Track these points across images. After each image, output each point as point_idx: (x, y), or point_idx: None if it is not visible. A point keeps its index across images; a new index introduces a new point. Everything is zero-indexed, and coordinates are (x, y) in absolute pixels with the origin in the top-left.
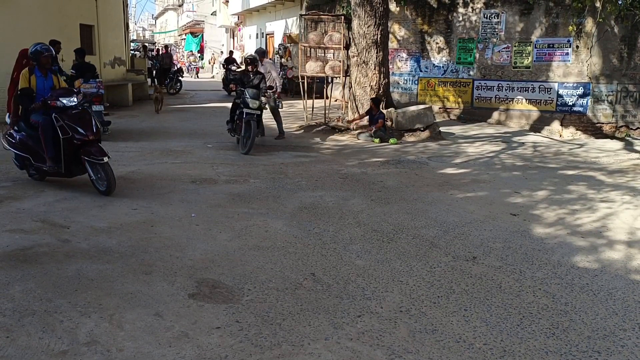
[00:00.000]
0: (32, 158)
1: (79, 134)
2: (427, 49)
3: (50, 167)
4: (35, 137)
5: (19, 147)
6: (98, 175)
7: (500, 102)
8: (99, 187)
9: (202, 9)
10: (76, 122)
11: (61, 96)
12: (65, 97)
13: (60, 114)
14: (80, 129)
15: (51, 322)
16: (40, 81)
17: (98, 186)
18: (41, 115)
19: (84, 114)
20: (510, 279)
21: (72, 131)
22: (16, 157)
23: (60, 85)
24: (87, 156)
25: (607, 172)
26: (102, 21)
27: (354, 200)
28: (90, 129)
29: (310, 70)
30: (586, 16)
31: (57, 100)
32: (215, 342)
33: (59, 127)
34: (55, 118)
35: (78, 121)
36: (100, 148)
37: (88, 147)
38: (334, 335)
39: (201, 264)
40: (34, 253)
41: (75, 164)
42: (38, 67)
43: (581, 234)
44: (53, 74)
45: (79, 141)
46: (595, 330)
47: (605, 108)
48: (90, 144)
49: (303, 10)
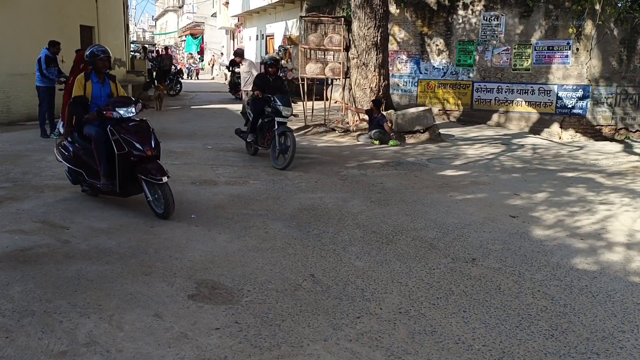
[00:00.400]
0: (85, 173)
1: (136, 150)
2: (427, 51)
3: (103, 185)
4: (88, 151)
5: (72, 160)
6: (155, 196)
7: (499, 104)
8: (156, 209)
9: (202, 11)
10: (133, 136)
11: (118, 106)
12: (123, 107)
13: (116, 126)
14: (137, 143)
15: (51, 322)
16: (96, 88)
17: (155, 208)
18: (94, 127)
19: (143, 126)
20: (509, 281)
21: (129, 146)
22: (69, 170)
23: (119, 93)
24: (144, 175)
25: (607, 175)
26: (103, 22)
27: (354, 202)
28: (149, 144)
29: (310, 72)
30: (586, 19)
31: (113, 110)
32: (214, 343)
33: (114, 141)
34: (110, 131)
35: (135, 135)
36: (159, 166)
37: (146, 165)
38: (333, 337)
39: (201, 265)
40: (33, 254)
41: (132, 182)
42: (94, 72)
43: (580, 236)
44: (111, 80)
45: (136, 158)
46: (594, 332)
47: (605, 110)
48: (149, 160)
49: (303, 12)
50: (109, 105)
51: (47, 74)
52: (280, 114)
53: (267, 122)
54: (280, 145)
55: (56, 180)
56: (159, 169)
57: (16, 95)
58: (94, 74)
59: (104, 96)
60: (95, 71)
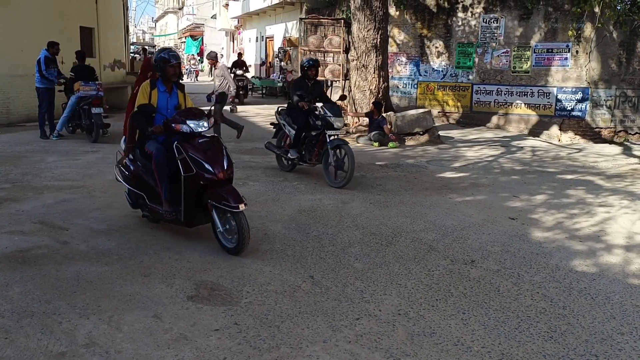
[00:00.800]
0: (146, 196)
1: (206, 172)
2: (427, 53)
3: (166, 212)
4: (151, 171)
5: (132, 181)
6: (227, 226)
7: (499, 106)
8: (225, 242)
9: (202, 12)
10: (203, 155)
11: (189, 118)
12: (194, 120)
13: (184, 142)
14: (207, 164)
15: (50, 323)
16: (162, 98)
17: (224, 241)
18: (155, 144)
19: (214, 144)
20: (508, 283)
21: (198, 167)
22: (129, 192)
23: (187, 105)
24: (216, 201)
25: (606, 177)
26: (102, 23)
27: (353, 204)
28: (220, 164)
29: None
30: (585, 21)
31: (183, 123)
32: (213, 344)
33: (181, 161)
34: (176, 148)
35: (206, 153)
36: (234, 191)
37: (217, 189)
38: (333, 338)
39: (200, 266)
40: (33, 255)
41: (199, 209)
42: (162, 80)
43: (579, 238)
44: (179, 90)
45: (205, 181)
46: (592, 334)
47: (604, 113)
48: (220, 184)
49: (303, 14)
50: (178, 117)
51: (47, 75)
52: (332, 126)
53: (314, 135)
54: (337, 161)
55: (55, 181)
56: (234, 194)
57: (16, 97)
58: (160, 81)
59: (170, 108)
60: (163, 79)
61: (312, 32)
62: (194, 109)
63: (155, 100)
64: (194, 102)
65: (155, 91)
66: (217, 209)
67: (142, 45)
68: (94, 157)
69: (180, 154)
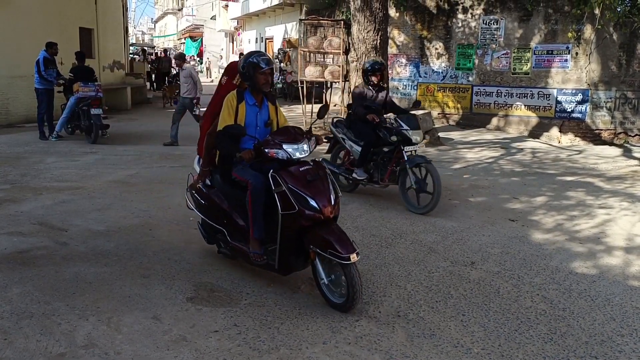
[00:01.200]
0: (227, 232)
1: (310, 209)
2: (427, 54)
3: (255, 255)
4: (236, 202)
5: (209, 212)
6: (332, 277)
7: (499, 108)
8: (331, 296)
9: (202, 13)
10: (306, 187)
11: (285, 142)
12: (293, 144)
13: (282, 171)
14: (311, 198)
15: (49, 324)
16: (251, 112)
17: (329, 294)
18: (251, 171)
19: (319, 173)
20: (508, 284)
21: (300, 202)
22: (203, 224)
23: (279, 122)
24: (320, 249)
25: (606, 179)
26: (102, 25)
27: (353, 205)
28: (328, 200)
29: (310, 75)
30: (585, 23)
31: (279, 148)
32: (213, 345)
33: (278, 195)
34: (272, 178)
35: (309, 185)
36: (342, 236)
37: (321, 231)
38: (332, 339)
39: (199, 267)
40: (32, 256)
41: (297, 253)
42: (250, 91)
43: (579, 240)
44: (270, 102)
45: (308, 221)
46: (592, 336)
47: (604, 115)
48: (325, 224)
49: (303, 15)
50: (273, 141)
51: (46, 76)
52: (410, 141)
53: (386, 152)
54: (418, 182)
55: (54, 182)
56: (344, 240)
57: (15, 97)
58: (249, 93)
59: (260, 125)
60: (252, 89)
61: (311, 34)
62: (290, 129)
63: (243, 116)
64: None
65: (243, 105)
66: (320, 257)
67: (141, 46)
68: (93, 158)
69: (277, 185)
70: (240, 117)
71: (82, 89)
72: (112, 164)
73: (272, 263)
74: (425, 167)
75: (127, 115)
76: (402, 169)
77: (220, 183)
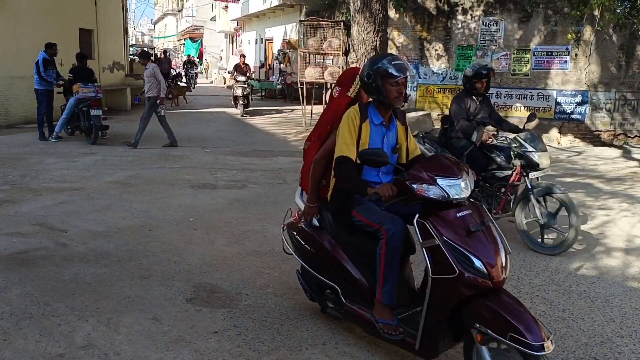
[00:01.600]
0: (341, 289)
1: (475, 272)
2: (426, 55)
3: (384, 326)
4: (356, 251)
5: (316, 261)
6: None
7: (498, 109)
8: None
9: (202, 14)
10: (467, 241)
11: (439, 175)
12: (448, 179)
13: (432, 216)
14: (476, 258)
15: (48, 325)
16: (377, 134)
17: None
18: (384, 214)
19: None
20: (507, 285)
21: (461, 262)
22: (304, 274)
23: (410, 145)
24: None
25: (605, 180)
26: (102, 26)
27: None
28: (497, 258)
29: (309, 76)
30: (585, 24)
31: (430, 184)
32: (212, 346)
33: (428, 250)
34: (419, 225)
35: (472, 239)
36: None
37: (494, 305)
38: (332, 340)
39: (199, 268)
40: (31, 256)
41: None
42: (376, 106)
43: (579, 241)
44: (399, 121)
45: (470, 288)
46: (592, 337)
47: (604, 116)
48: (494, 294)
49: (302, 16)
50: (423, 173)
51: (46, 77)
52: (536, 166)
53: (500, 178)
54: (546, 215)
55: (54, 183)
56: (529, 321)
57: (15, 98)
58: (374, 108)
59: (388, 149)
60: (379, 104)
61: (311, 35)
62: (442, 158)
63: (367, 139)
64: (192, 105)
65: (367, 124)
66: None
67: (141, 47)
68: (93, 159)
69: (427, 237)
70: (364, 139)
71: (81, 90)
72: (112, 165)
73: (410, 341)
74: (559, 197)
75: (126, 116)
76: (524, 198)
77: (333, 225)
